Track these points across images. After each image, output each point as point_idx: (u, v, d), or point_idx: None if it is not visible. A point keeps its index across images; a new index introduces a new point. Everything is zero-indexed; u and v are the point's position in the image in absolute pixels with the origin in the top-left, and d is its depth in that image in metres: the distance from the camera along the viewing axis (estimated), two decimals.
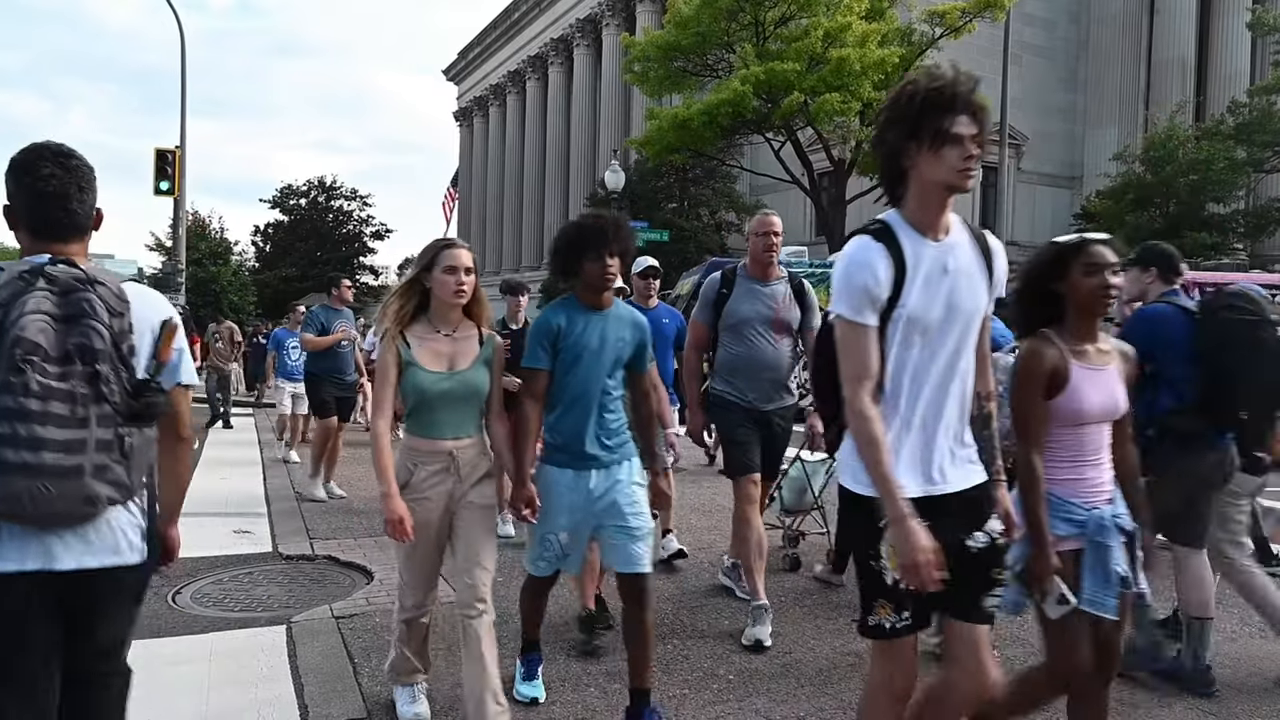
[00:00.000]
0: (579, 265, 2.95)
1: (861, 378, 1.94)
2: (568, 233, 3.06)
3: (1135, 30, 29.08)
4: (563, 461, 3.01)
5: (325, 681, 3.39)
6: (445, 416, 2.82)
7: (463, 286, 2.79)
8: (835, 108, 16.72)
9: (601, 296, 3.01)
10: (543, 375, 2.98)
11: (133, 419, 1.85)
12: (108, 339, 1.80)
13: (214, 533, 5.84)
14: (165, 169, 17.55)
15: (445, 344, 2.83)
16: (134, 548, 1.91)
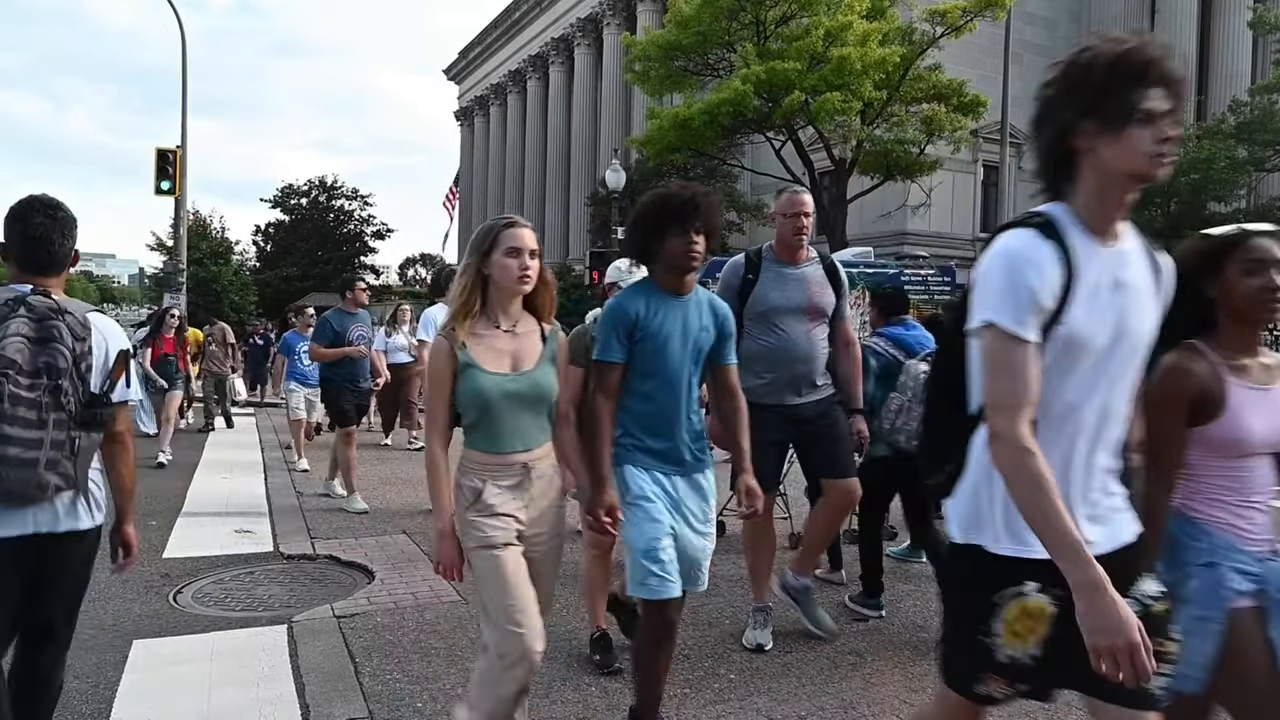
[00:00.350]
0: (660, 243, 2.66)
1: (1020, 404, 1.53)
2: (649, 207, 2.74)
3: (1136, 29, 29.05)
4: (649, 463, 2.72)
5: (326, 681, 3.39)
6: (513, 425, 2.42)
7: (528, 271, 2.37)
8: (836, 107, 16.69)
9: (684, 280, 2.73)
10: (617, 370, 2.68)
11: (82, 425, 2.28)
12: (70, 359, 2.24)
13: (215, 532, 5.85)
14: (166, 169, 17.56)
15: (506, 341, 2.43)
16: (78, 514, 2.35)
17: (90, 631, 3.92)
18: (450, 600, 4.43)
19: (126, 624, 4.04)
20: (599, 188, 28.33)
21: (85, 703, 3.20)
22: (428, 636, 3.88)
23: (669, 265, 2.70)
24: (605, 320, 2.71)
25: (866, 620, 4.20)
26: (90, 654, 3.64)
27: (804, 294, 3.67)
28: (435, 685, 3.36)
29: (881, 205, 22.94)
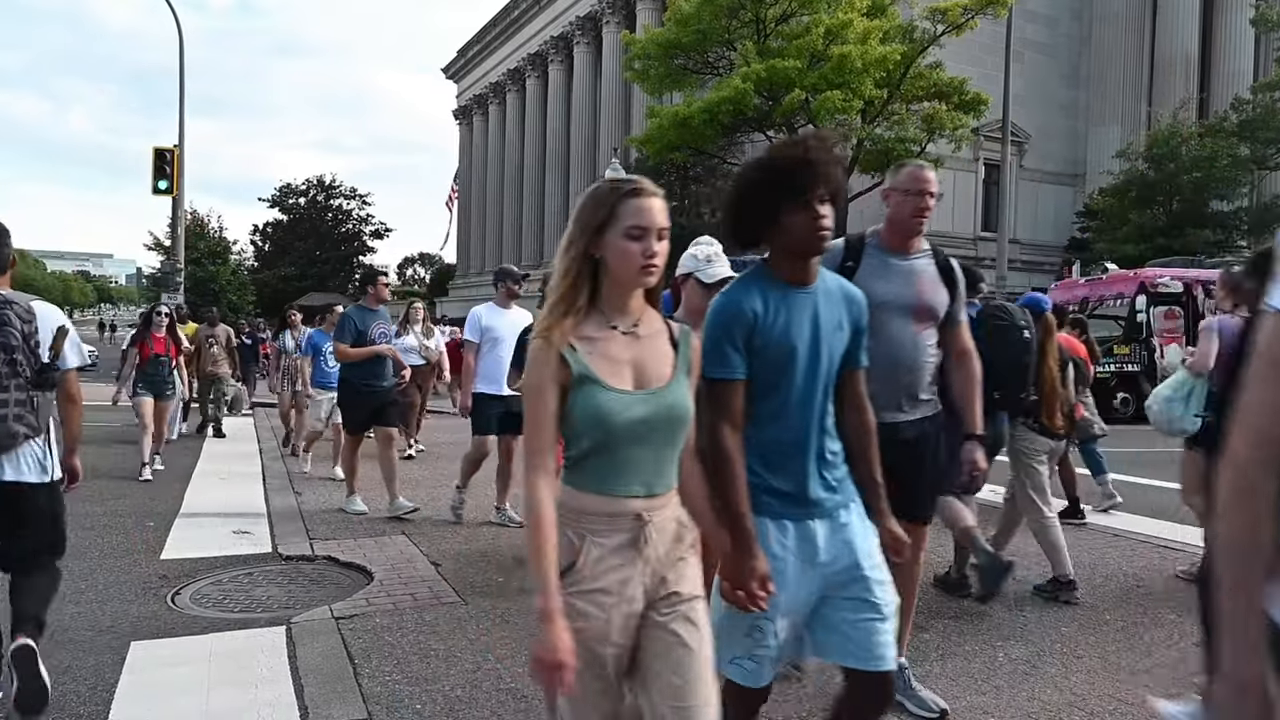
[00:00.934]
0: (773, 222, 2.04)
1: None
2: (752, 177, 2.11)
3: (1138, 27, 29.03)
4: (774, 509, 2.06)
5: (325, 682, 3.36)
6: (636, 460, 1.75)
7: (655, 260, 1.74)
8: (836, 105, 16.68)
9: (810, 266, 2.09)
10: (740, 388, 2.03)
11: (37, 387, 3.05)
12: (20, 338, 2.98)
13: (213, 533, 5.82)
14: (164, 168, 17.54)
15: (626, 346, 1.77)
16: (45, 470, 3.08)
17: (88, 633, 3.90)
18: (450, 601, 4.40)
19: (124, 625, 4.01)
20: None
21: (83, 704, 3.17)
22: (427, 638, 3.86)
23: (789, 248, 2.07)
24: (715, 324, 2.07)
25: None
26: (88, 655, 3.62)
27: (913, 290, 2.96)
28: (434, 686, 3.33)
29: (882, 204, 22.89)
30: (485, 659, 3.62)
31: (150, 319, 8.59)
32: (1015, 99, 18.23)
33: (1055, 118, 29.26)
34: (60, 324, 3.15)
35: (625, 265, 1.74)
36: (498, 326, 6.00)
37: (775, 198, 2.03)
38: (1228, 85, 26.99)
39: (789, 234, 2.04)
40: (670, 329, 1.86)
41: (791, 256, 2.08)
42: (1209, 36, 29.07)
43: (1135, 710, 3.21)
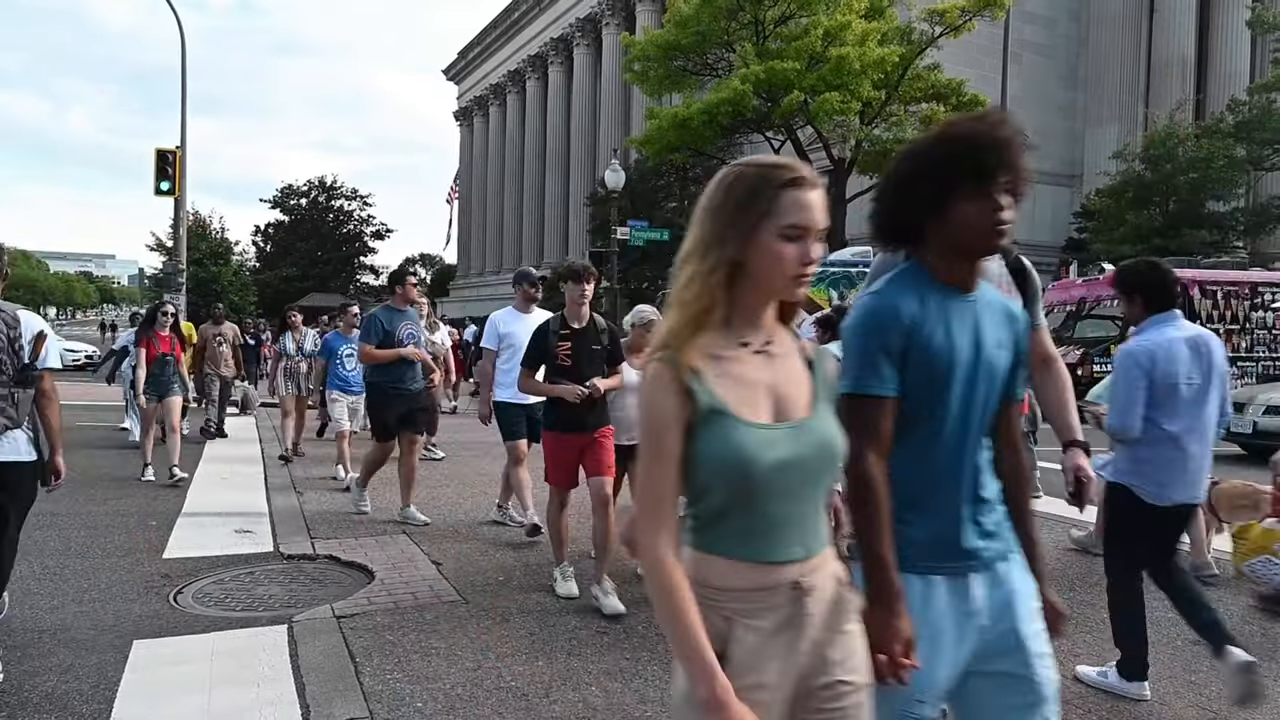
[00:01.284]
0: (942, 208, 1.66)
1: None
2: (928, 152, 1.70)
3: (1135, 28, 29.07)
4: (924, 564, 1.66)
5: (327, 681, 3.39)
6: (786, 515, 1.40)
7: (810, 268, 1.44)
8: (835, 106, 16.72)
9: (977, 268, 1.72)
10: (890, 407, 1.64)
11: (18, 384, 3.44)
12: (5, 341, 3.37)
13: (215, 532, 5.85)
14: (166, 169, 17.56)
15: (760, 367, 1.44)
16: (24, 453, 3.50)
17: (90, 632, 3.93)
18: (450, 600, 4.44)
19: (127, 624, 4.04)
20: (598, 188, 28.33)
21: (85, 703, 3.20)
22: (428, 636, 3.89)
23: (958, 244, 1.68)
24: (865, 328, 1.69)
25: None
26: (91, 654, 3.65)
27: None
28: (435, 685, 3.36)
29: None
30: (486, 657, 3.65)
31: (154, 317, 8.18)
32: (1013, 100, 18.26)
33: (1053, 119, 29.29)
34: (40, 329, 3.58)
35: (775, 272, 1.42)
36: (517, 333, 5.61)
37: (949, 181, 1.66)
38: (1224, 86, 27.02)
39: (960, 227, 1.66)
40: (803, 346, 1.55)
41: (957, 255, 1.70)
42: (1206, 38, 29.11)
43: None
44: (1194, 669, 3.62)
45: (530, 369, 4.55)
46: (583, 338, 4.50)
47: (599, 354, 4.51)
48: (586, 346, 4.49)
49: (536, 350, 4.55)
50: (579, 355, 4.46)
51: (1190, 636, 3.48)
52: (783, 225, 1.41)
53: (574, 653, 3.73)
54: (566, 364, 4.45)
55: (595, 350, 4.51)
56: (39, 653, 3.66)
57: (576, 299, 4.50)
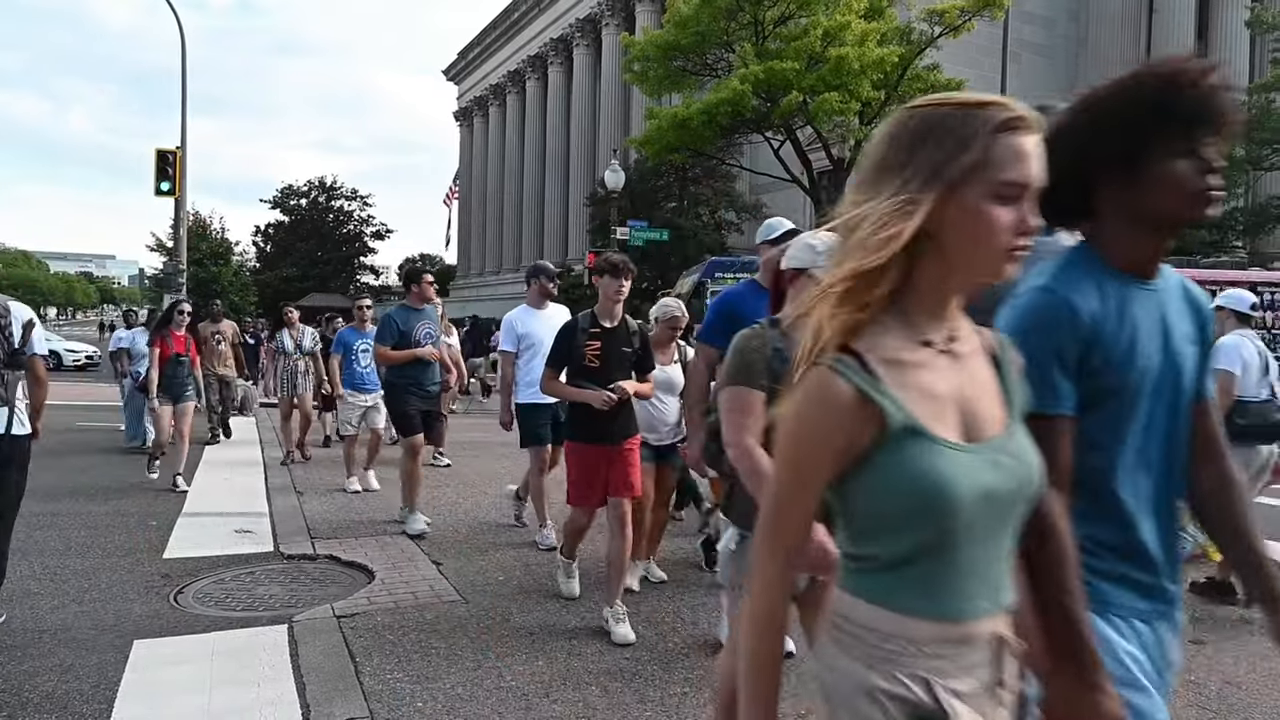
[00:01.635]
0: (1134, 168, 1.35)
1: None
2: (1113, 98, 1.38)
3: (1134, 28, 29.08)
4: (1124, 604, 1.39)
5: (327, 680, 3.40)
6: (983, 555, 1.13)
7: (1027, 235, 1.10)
8: (834, 107, 16.72)
9: (1164, 246, 1.42)
10: (1070, 428, 1.35)
11: (7, 366, 3.88)
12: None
13: (215, 532, 5.85)
14: (166, 169, 17.58)
15: (945, 372, 1.14)
16: (24, 426, 3.96)
17: (91, 632, 3.93)
18: (451, 600, 4.44)
19: (127, 624, 4.05)
20: (598, 188, 28.34)
21: (86, 703, 3.21)
22: (428, 636, 3.89)
23: (1152, 217, 1.38)
24: (1033, 332, 1.35)
25: None
26: (91, 654, 3.66)
27: None
28: (436, 685, 3.37)
29: None
30: (486, 657, 3.66)
31: (170, 316, 7.86)
32: None
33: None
34: (29, 319, 4.09)
35: (982, 244, 1.08)
36: (535, 331, 5.43)
37: (1150, 132, 1.33)
38: None
39: (1159, 191, 1.33)
40: (986, 339, 1.23)
41: (1147, 230, 1.39)
42: (1205, 38, 29.11)
43: None
44: (1191, 669, 3.62)
45: (554, 368, 4.16)
46: (613, 338, 4.10)
47: (628, 357, 4.15)
48: (617, 348, 4.10)
49: (563, 349, 4.14)
50: (608, 357, 4.09)
51: (1189, 636, 3.48)
52: (998, 181, 1.06)
53: (574, 652, 3.73)
54: (594, 366, 4.06)
55: (625, 353, 4.13)
56: (39, 652, 3.67)
57: (612, 295, 4.06)
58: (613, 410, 3.98)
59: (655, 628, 4.06)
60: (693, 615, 4.24)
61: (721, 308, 3.65)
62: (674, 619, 4.19)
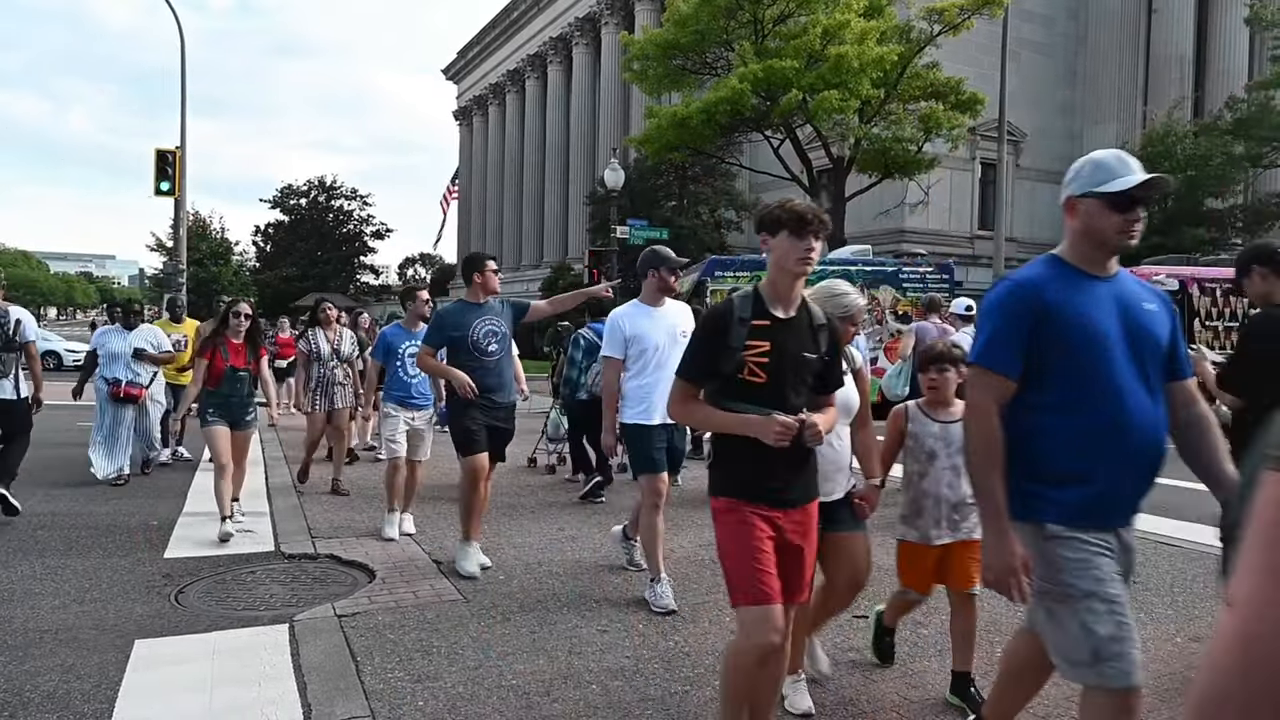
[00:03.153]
0: None
1: None
2: None
3: (1134, 26, 29.06)
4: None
5: (328, 680, 3.40)
6: None
7: None
8: (834, 105, 16.72)
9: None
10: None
11: (6, 349, 5.85)
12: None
13: (215, 532, 5.85)
14: (166, 169, 17.59)
15: None
16: (18, 393, 5.95)
17: (92, 631, 3.94)
18: (451, 599, 4.44)
19: (128, 624, 4.05)
20: (597, 187, 28.33)
21: (87, 702, 3.21)
22: (429, 635, 3.90)
23: None
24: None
25: (866, 618, 4.20)
26: (92, 654, 3.66)
27: None
28: (436, 684, 3.37)
29: (879, 203, 22.97)
30: (487, 656, 3.66)
31: (226, 320, 6.04)
32: (1011, 98, 18.26)
33: (1051, 117, 29.30)
34: (20, 316, 5.98)
35: None
36: (647, 333, 4.45)
37: None
38: (1223, 84, 27.02)
39: None
40: None
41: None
42: (1204, 35, 29.10)
43: None
44: (1192, 667, 3.63)
45: (693, 382, 2.59)
46: (790, 334, 2.53)
47: (811, 366, 2.56)
48: (794, 350, 2.53)
49: (708, 351, 2.54)
50: (781, 364, 2.50)
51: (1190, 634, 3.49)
52: None
53: (575, 651, 3.74)
54: (758, 379, 2.49)
55: (807, 360, 2.55)
56: (41, 652, 3.67)
57: (794, 265, 2.51)
58: (792, 451, 2.45)
59: (656, 626, 4.07)
60: (693, 614, 4.24)
61: None
62: (674, 617, 4.20)
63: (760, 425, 2.41)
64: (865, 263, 14.17)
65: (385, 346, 6.21)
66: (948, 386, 3.24)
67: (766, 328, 2.52)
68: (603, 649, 3.76)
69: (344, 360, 7.56)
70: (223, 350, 5.93)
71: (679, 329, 4.49)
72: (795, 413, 2.44)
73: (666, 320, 4.53)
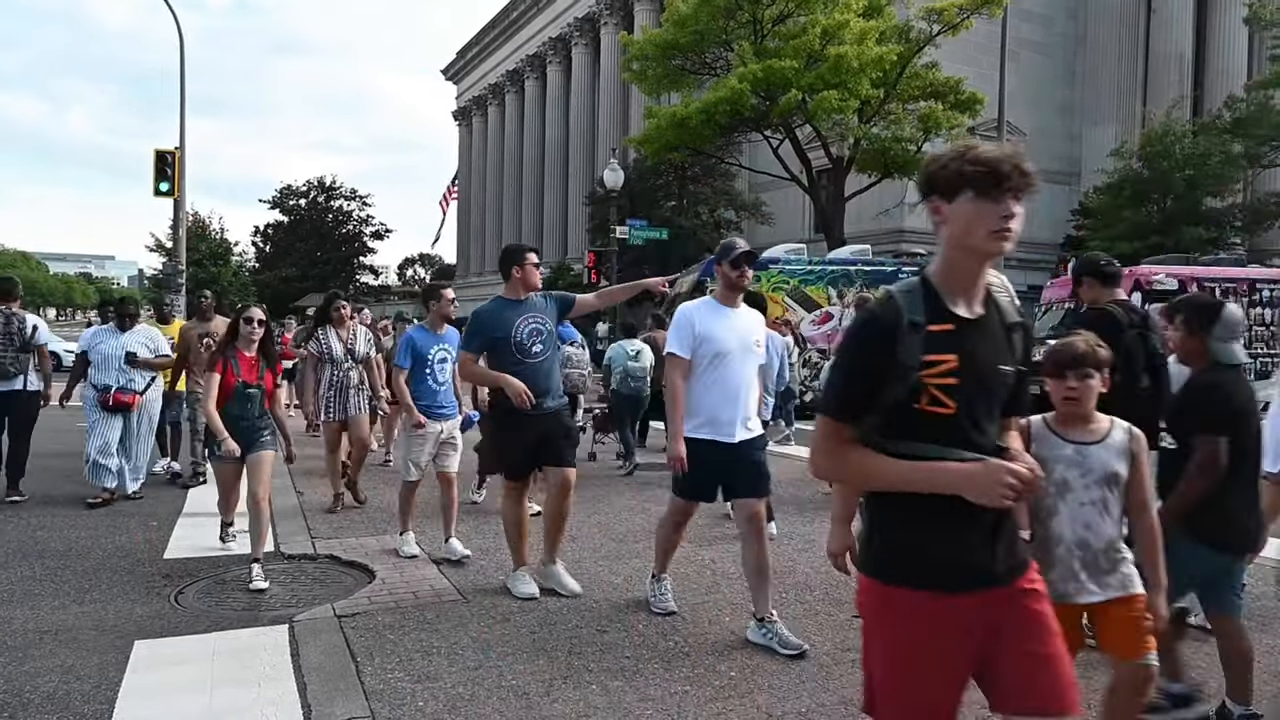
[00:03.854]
0: None
1: None
2: None
3: (1133, 25, 29.08)
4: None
5: (328, 680, 3.40)
6: None
7: None
8: (833, 105, 16.74)
9: None
10: None
11: (22, 351, 6.80)
12: (15, 328, 6.77)
13: (216, 532, 5.85)
14: (165, 170, 17.59)
15: None
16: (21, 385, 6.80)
17: (92, 632, 3.94)
18: (451, 599, 4.44)
19: (128, 624, 4.05)
20: (597, 187, 28.35)
21: (87, 703, 3.21)
22: (429, 635, 3.90)
23: None
24: None
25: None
26: (92, 655, 3.66)
27: None
28: (437, 684, 3.37)
29: (879, 203, 22.97)
30: (487, 656, 3.66)
31: (237, 328, 5.11)
32: (1011, 98, 18.26)
33: (1050, 117, 29.33)
34: (36, 322, 6.99)
35: None
36: (718, 335, 3.91)
37: None
38: (1222, 83, 27.05)
39: None
40: None
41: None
42: (1203, 35, 29.13)
43: None
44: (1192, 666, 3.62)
45: (849, 423, 1.78)
46: (981, 341, 1.77)
47: (1007, 382, 1.82)
48: (989, 362, 1.78)
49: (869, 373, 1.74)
50: (974, 384, 1.75)
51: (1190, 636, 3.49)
52: None
53: (575, 651, 3.74)
54: (944, 409, 1.72)
55: (1003, 374, 1.80)
56: (41, 653, 3.67)
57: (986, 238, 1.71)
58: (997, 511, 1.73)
59: (656, 626, 4.07)
60: (691, 614, 4.24)
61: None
62: (674, 617, 4.20)
63: (984, 479, 1.64)
64: (864, 263, 14.18)
65: (413, 351, 5.43)
66: (1089, 397, 2.45)
67: (950, 334, 1.73)
68: (602, 649, 3.76)
69: (359, 361, 6.85)
70: (233, 363, 5.01)
71: (753, 338, 4.01)
72: (990, 452, 1.71)
73: (739, 323, 4.00)
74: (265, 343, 5.16)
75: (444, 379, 5.44)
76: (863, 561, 1.88)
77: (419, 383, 5.41)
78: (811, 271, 13.63)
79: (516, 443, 4.46)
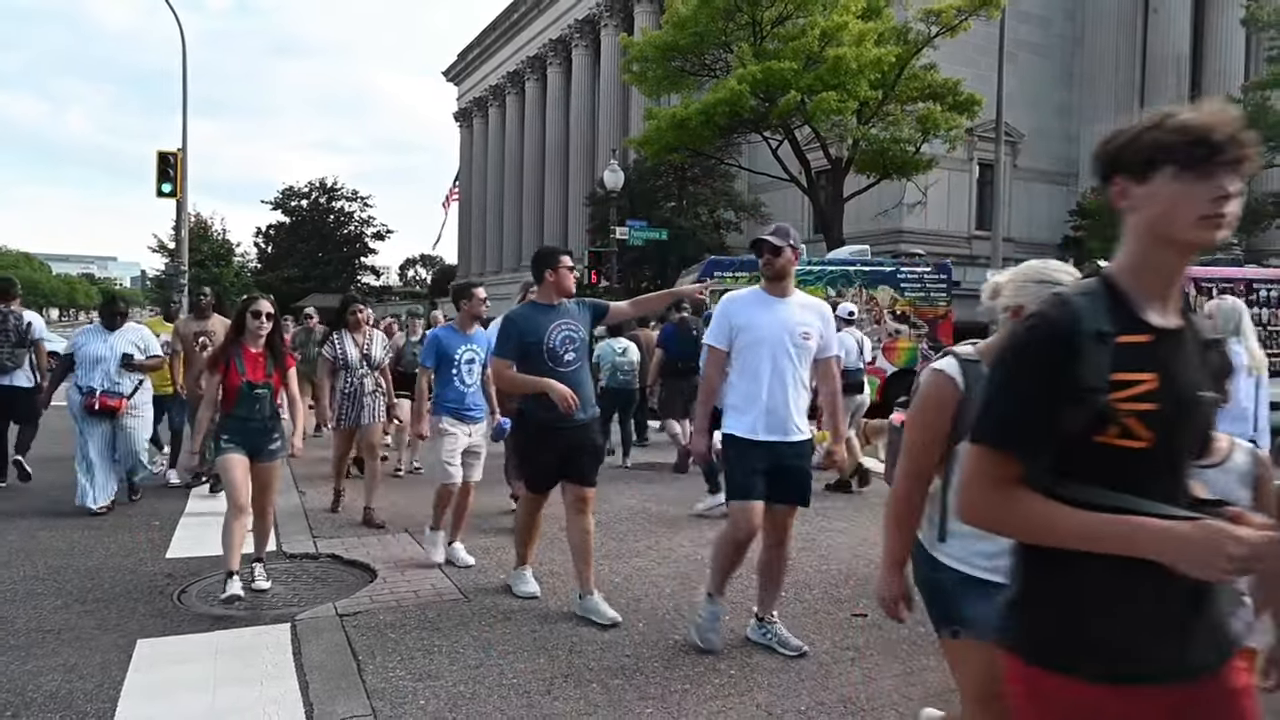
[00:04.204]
0: None
1: None
2: None
3: (1130, 27, 29.11)
4: None
5: (330, 679, 3.42)
6: None
7: None
8: (832, 106, 16.76)
9: None
10: None
11: (19, 346, 7.21)
12: (12, 325, 7.21)
13: (218, 532, 5.83)
14: (167, 171, 17.62)
15: None
16: (30, 380, 7.26)
17: (95, 631, 3.96)
18: (452, 599, 4.46)
19: (131, 623, 4.07)
20: (597, 188, 28.37)
21: (90, 702, 3.23)
22: (430, 634, 3.92)
23: None
24: None
25: (866, 616, 4.23)
26: (95, 653, 3.68)
27: None
28: (438, 683, 3.40)
29: (878, 204, 23.00)
30: (488, 655, 3.68)
31: (243, 323, 4.73)
32: (1009, 99, 18.29)
33: (1048, 118, 29.34)
34: (32, 319, 7.35)
35: None
36: (760, 324, 3.69)
37: None
38: (1219, 84, 27.04)
39: None
40: None
41: None
42: (1201, 36, 29.15)
43: None
44: None
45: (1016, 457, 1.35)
46: (1180, 356, 1.37)
47: (1208, 414, 1.43)
48: (1190, 386, 1.37)
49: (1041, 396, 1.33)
50: (1173, 414, 1.33)
51: None
52: None
53: (575, 650, 3.76)
54: (1138, 442, 1.30)
55: (1203, 402, 1.40)
56: (43, 652, 3.69)
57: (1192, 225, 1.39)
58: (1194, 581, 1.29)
59: (656, 625, 4.09)
60: (693, 612, 4.26)
61: None
62: (675, 616, 4.22)
63: (1201, 544, 1.22)
64: (863, 263, 14.19)
65: (439, 352, 5.19)
66: None
67: (1146, 348, 1.35)
68: (603, 647, 3.79)
69: (375, 367, 6.49)
70: (238, 361, 4.62)
71: (800, 329, 3.69)
72: (1186, 502, 1.34)
73: (785, 313, 3.71)
74: (273, 338, 4.79)
75: (472, 380, 5.20)
76: (1011, 635, 1.44)
77: (445, 384, 5.16)
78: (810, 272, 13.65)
79: (544, 455, 4.28)
